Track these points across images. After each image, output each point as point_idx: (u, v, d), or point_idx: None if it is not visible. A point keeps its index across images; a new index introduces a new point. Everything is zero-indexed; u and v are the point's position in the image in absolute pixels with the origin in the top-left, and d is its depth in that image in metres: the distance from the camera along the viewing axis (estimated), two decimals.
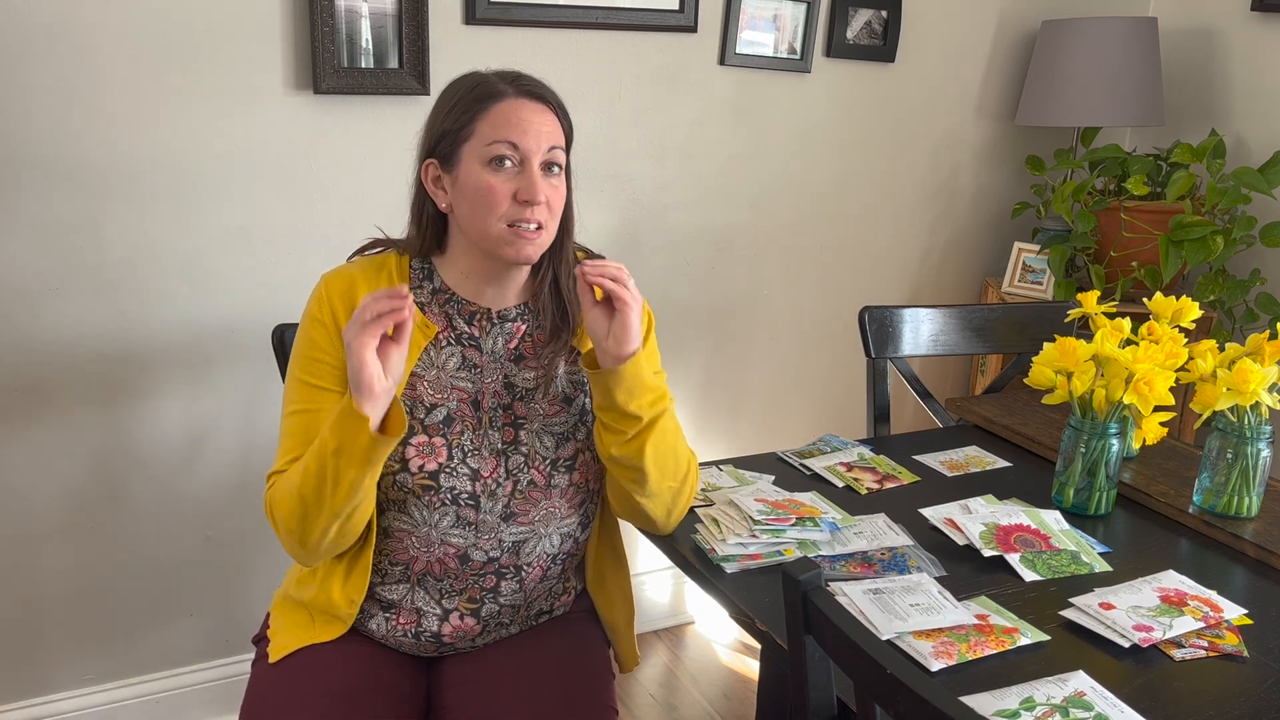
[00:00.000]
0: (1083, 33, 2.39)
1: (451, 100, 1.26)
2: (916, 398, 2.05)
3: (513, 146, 1.22)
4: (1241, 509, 1.42)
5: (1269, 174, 2.21)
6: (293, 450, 1.27)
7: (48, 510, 1.90)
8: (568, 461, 1.33)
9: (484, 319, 1.32)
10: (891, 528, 1.36)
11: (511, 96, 1.24)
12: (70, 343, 1.84)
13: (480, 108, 1.23)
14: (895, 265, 2.65)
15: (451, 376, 1.30)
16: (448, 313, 1.32)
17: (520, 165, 1.23)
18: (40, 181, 1.75)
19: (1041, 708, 0.99)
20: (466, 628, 1.35)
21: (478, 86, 1.25)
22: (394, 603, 1.34)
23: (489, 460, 1.29)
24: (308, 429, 1.26)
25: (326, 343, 1.27)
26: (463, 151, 1.24)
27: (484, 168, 1.22)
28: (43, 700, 1.97)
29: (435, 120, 1.28)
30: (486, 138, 1.22)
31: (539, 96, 1.26)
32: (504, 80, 1.26)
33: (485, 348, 1.32)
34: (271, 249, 1.94)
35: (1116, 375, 1.38)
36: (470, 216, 1.24)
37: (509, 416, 1.31)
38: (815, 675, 0.95)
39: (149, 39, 1.77)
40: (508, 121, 1.22)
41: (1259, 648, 1.14)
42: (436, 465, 1.27)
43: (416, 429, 1.28)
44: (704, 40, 2.23)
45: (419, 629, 1.34)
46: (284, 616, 1.38)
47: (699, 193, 2.34)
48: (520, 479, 1.30)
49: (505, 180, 1.22)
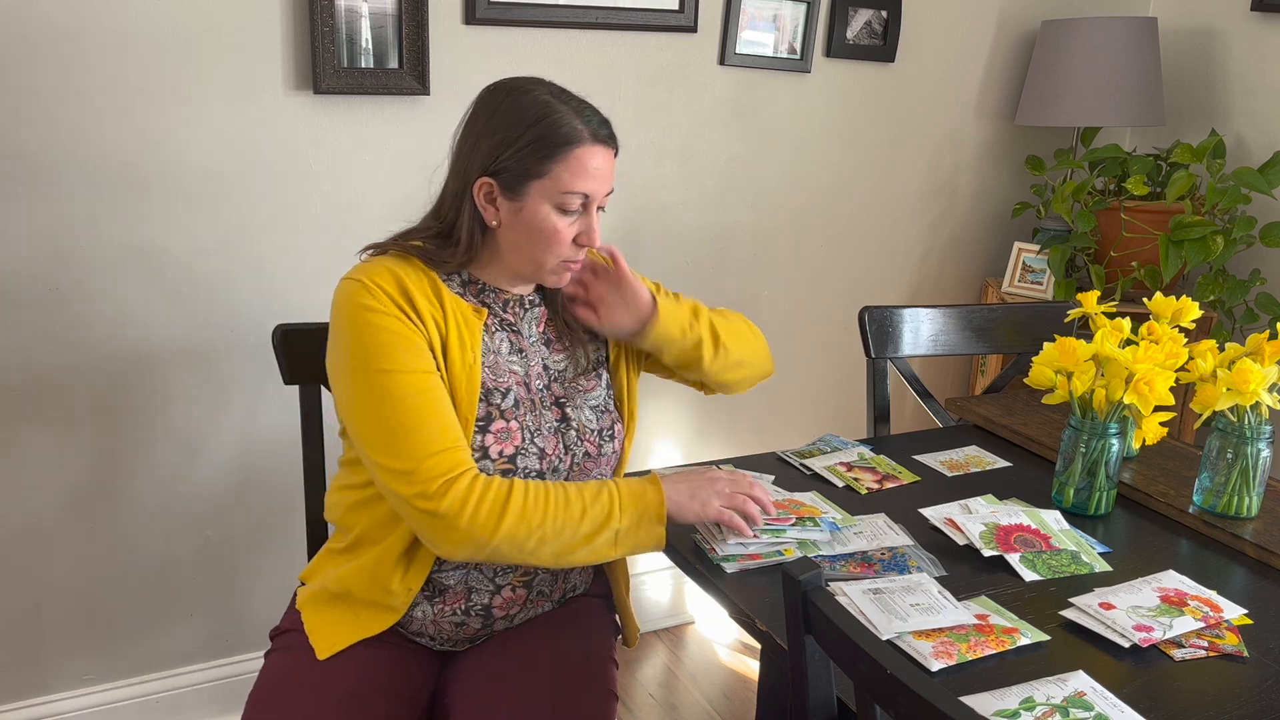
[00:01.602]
0: (1083, 33, 2.39)
1: (522, 128, 1.24)
2: (916, 398, 2.05)
3: (585, 196, 1.27)
4: (1241, 509, 1.41)
5: (1269, 174, 2.21)
6: (443, 433, 1.21)
7: (48, 510, 1.90)
8: (609, 431, 1.40)
9: (516, 305, 1.37)
10: (891, 528, 1.36)
11: (588, 142, 1.25)
12: (70, 343, 1.84)
13: (559, 152, 1.24)
14: (895, 265, 2.65)
15: (506, 360, 1.34)
16: (484, 300, 1.34)
17: (583, 209, 1.28)
18: (40, 181, 1.75)
19: (1041, 708, 0.99)
20: (517, 598, 1.38)
21: (556, 126, 1.24)
22: (448, 588, 1.35)
23: (550, 439, 1.34)
24: (439, 407, 1.23)
25: (402, 328, 1.24)
26: (532, 188, 1.25)
27: (553, 210, 1.26)
28: (43, 700, 1.97)
29: (497, 142, 1.25)
30: (564, 185, 1.24)
31: (609, 139, 1.29)
32: (579, 117, 1.25)
33: (524, 331, 1.37)
34: (272, 249, 1.94)
35: (1116, 375, 1.38)
36: (524, 247, 1.28)
37: (552, 395, 1.36)
38: (815, 675, 0.95)
39: (149, 39, 1.77)
40: (585, 171, 1.25)
41: (1259, 648, 1.14)
42: (514, 449, 1.30)
43: (494, 415, 1.30)
44: (704, 40, 2.23)
45: (468, 604, 1.36)
46: (321, 612, 1.36)
47: (699, 193, 2.34)
48: (576, 453, 1.36)
49: (570, 224, 1.28)
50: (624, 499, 1.23)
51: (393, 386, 1.22)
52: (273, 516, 2.07)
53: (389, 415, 1.21)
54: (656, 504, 1.24)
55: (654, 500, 1.24)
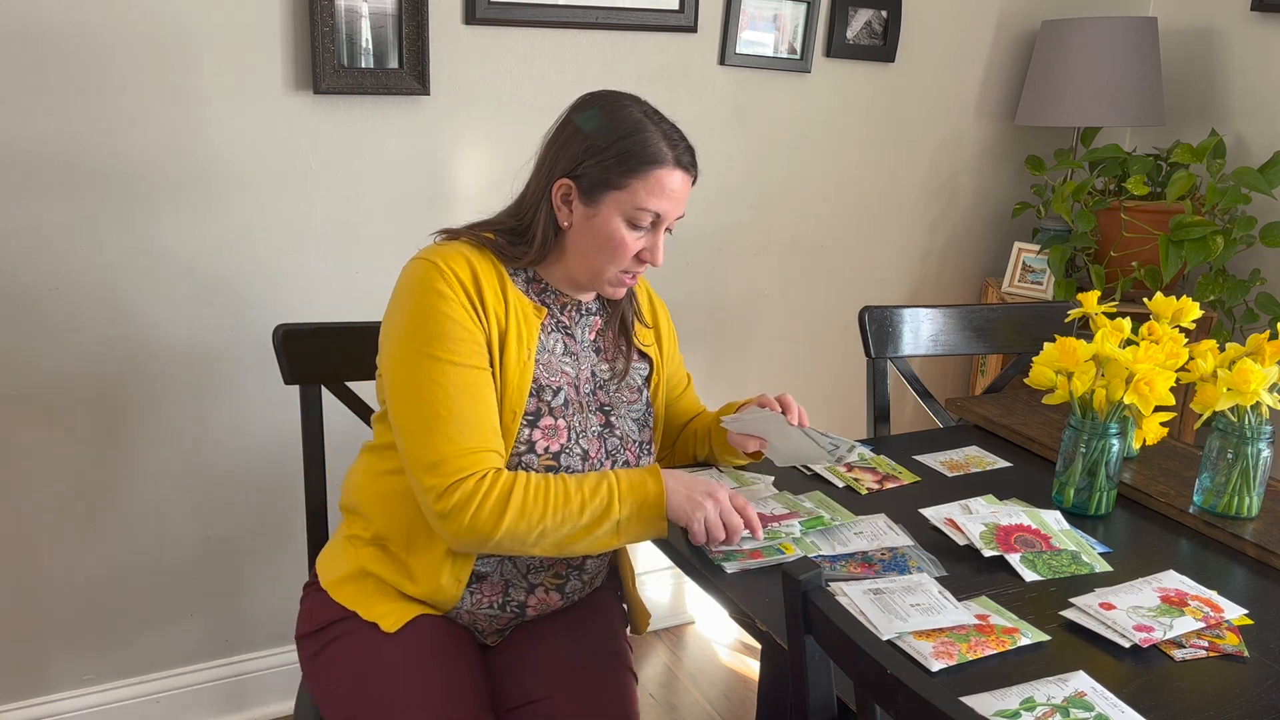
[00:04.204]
0: (1083, 33, 2.39)
1: (611, 139, 1.27)
2: (916, 398, 2.05)
3: (656, 215, 1.29)
4: (1242, 509, 1.41)
5: (1269, 174, 2.21)
6: (475, 432, 1.24)
7: (48, 510, 1.90)
8: (648, 445, 1.44)
9: (574, 310, 1.39)
10: (891, 528, 1.36)
11: (671, 165, 1.28)
12: (70, 342, 1.84)
13: (642, 169, 1.26)
14: (895, 265, 2.65)
15: (559, 360, 1.36)
16: (545, 300, 1.37)
17: (651, 226, 1.30)
18: (40, 181, 1.75)
19: (1042, 708, 0.99)
20: (550, 601, 1.41)
21: (644, 145, 1.27)
22: (484, 575, 1.37)
23: (594, 442, 1.36)
24: (479, 405, 1.25)
25: (467, 319, 1.26)
26: (608, 198, 1.28)
27: (623, 222, 1.29)
28: (43, 700, 1.97)
29: (585, 148, 1.28)
30: (639, 201, 1.27)
31: (691, 166, 1.31)
32: (667, 141, 1.28)
33: (577, 336, 1.39)
34: (272, 249, 1.94)
35: (1116, 375, 1.38)
36: (589, 253, 1.31)
37: (597, 401, 1.39)
38: (815, 675, 0.95)
39: (149, 39, 1.77)
40: (662, 191, 1.28)
41: (1259, 648, 1.14)
42: (559, 446, 1.33)
43: (544, 411, 1.32)
44: (704, 40, 2.23)
45: (505, 599, 1.38)
46: (372, 598, 1.35)
47: (699, 193, 2.33)
48: (617, 459, 1.39)
49: (637, 239, 1.30)
50: (624, 490, 1.26)
51: (440, 374, 1.24)
52: (273, 516, 2.07)
53: (430, 400, 1.23)
54: (656, 494, 1.26)
55: (654, 491, 1.26)
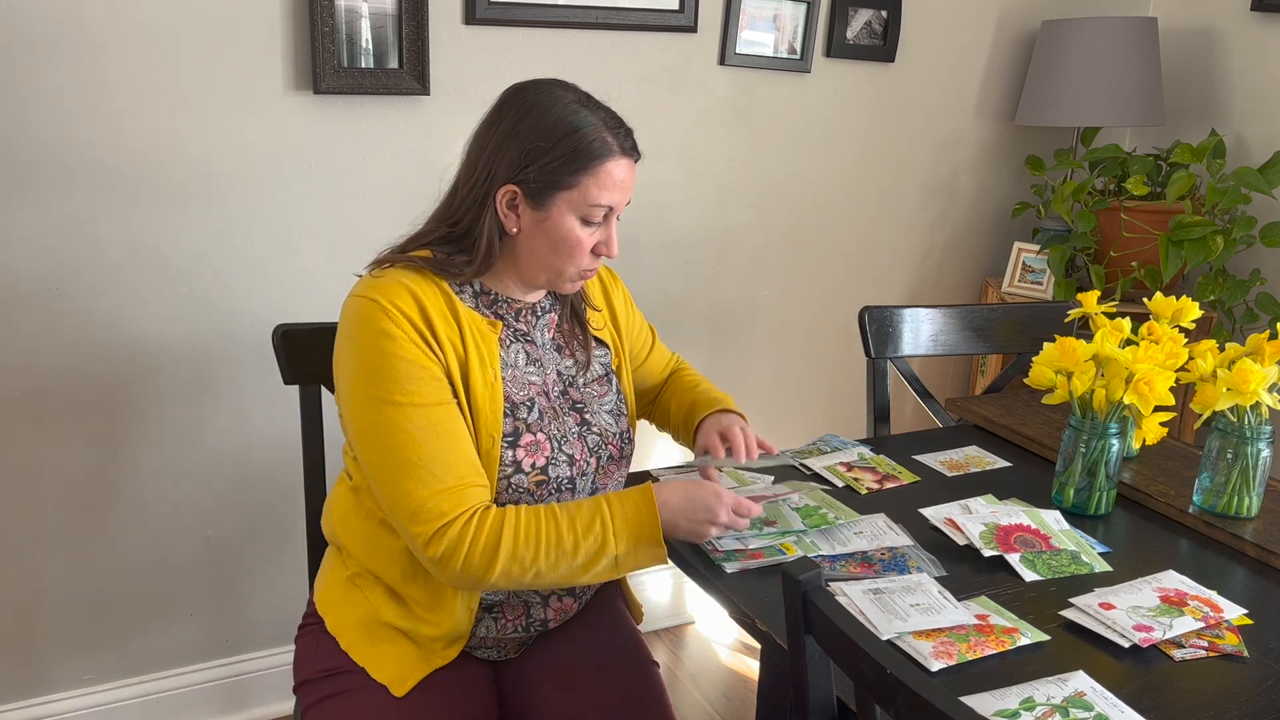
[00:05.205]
0: (1083, 33, 2.39)
1: (553, 139, 1.22)
2: (916, 398, 2.05)
3: (609, 208, 1.27)
4: (1241, 509, 1.41)
5: (1269, 174, 2.21)
6: (449, 470, 1.20)
7: (48, 510, 1.90)
8: (627, 434, 1.42)
9: (528, 313, 1.36)
10: (891, 528, 1.36)
11: (618, 155, 1.25)
12: (70, 342, 1.84)
13: (592, 165, 1.23)
14: (895, 265, 2.65)
15: (524, 372, 1.33)
16: (498, 311, 1.32)
17: (604, 220, 1.28)
18: (40, 181, 1.75)
19: (1041, 708, 0.99)
20: (567, 606, 1.42)
21: (588, 140, 1.23)
22: (498, 603, 1.35)
23: (576, 444, 1.34)
24: (449, 441, 1.21)
25: (421, 356, 1.21)
26: (558, 199, 1.23)
27: (578, 221, 1.25)
28: (42, 700, 1.97)
29: (526, 150, 1.22)
30: (592, 198, 1.24)
31: (634, 150, 1.29)
32: (609, 130, 1.25)
33: (537, 339, 1.36)
34: (271, 249, 1.94)
35: (1116, 375, 1.38)
36: (544, 255, 1.27)
37: (569, 401, 1.37)
38: (815, 675, 0.95)
39: (149, 39, 1.77)
40: (614, 184, 1.25)
41: (1259, 648, 1.14)
42: (545, 459, 1.30)
43: (522, 429, 1.29)
44: (704, 40, 2.23)
45: (529, 619, 1.38)
46: (379, 649, 1.31)
47: (699, 193, 2.34)
48: (601, 455, 1.37)
49: (591, 234, 1.27)
50: (618, 526, 1.21)
51: (404, 419, 1.19)
52: (273, 516, 2.07)
53: (398, 448, 1.19)
54: (651, 525, 1.22)
55: (648, 521, 1.22)
